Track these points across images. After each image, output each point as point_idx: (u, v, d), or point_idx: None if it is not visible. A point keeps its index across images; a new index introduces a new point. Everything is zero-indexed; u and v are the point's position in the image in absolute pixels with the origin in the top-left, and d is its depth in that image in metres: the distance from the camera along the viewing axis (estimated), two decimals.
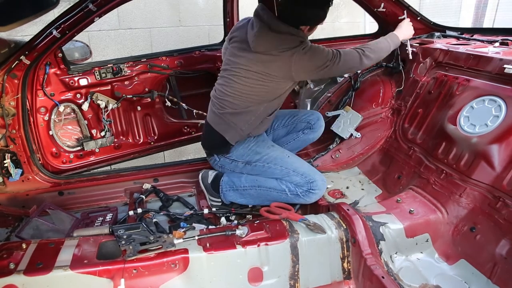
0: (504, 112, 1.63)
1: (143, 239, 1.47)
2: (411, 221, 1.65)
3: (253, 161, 2.02)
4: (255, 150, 2.03)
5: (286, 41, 1.80)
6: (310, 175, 1.94)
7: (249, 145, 2.04)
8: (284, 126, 2.32)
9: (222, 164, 2.13)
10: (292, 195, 1.95)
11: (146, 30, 3.89)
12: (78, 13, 1.87)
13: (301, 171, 1.95)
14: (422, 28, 2.53)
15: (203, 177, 2.26)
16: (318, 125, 2.29)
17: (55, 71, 2.19)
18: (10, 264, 1.36)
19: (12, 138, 2.04)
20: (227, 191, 2.12)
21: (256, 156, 2.01)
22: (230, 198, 2.14)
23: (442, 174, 1.79)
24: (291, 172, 1.95)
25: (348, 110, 2.44)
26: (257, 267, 1.53)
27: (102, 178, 2.34)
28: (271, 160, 1.99)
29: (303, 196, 1.93)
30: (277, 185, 1.97)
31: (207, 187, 2.22)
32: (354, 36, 2.76)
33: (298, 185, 1.93)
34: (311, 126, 2.28)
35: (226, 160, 2.09)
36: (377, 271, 1.44)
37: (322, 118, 2.33)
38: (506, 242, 1.44)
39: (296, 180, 1.94)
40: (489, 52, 1.90)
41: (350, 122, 2.40)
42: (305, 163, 2.05)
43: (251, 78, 1.86)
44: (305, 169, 1.97)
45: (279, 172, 1.97)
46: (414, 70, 2.28)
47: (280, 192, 1.97)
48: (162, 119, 2.63)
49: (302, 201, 1.96)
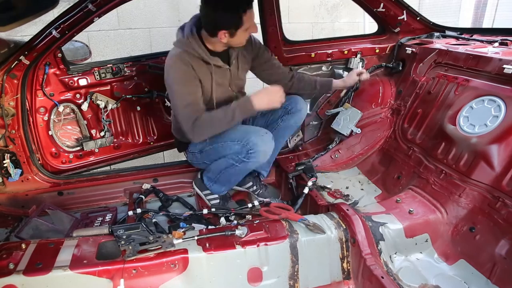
0: (503, 112, 1.63)
1: (142, 239, 1.47)
2: (410, 221, 1.65)
3: (203, 147, 2.08)
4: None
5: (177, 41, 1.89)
6: (244, 137, 1.90)
7: None
8: (262, 116, 2.22)
9: (191, 160, 2.24)
10: (241, 164, 1.96)
11: (146, 30, 3.89)
12: (78, 13, 1.87)
13: (235, 137, 1.94)
14: (421, 28, 2.54)
15: (195, 180, 2.35)
16: (296, 108, 2.12)
17: (55, 71, 2.19)
18: (10, 264, 1.36)
19: (12, 138, 2.04)
20: (211, 186, 2.22)
21: (204, 142, 2.06)
22: (216, 190, 2.23)
23: (441, 174, 1.80)
24: (229, 143, 1.96)
25: (347, 107, 2.44)
26: (256, 267, 1.53)
27: (101, 178, 2.34)
28: (214, 140, 2.01)
29: (248, 159, 1.92)
30: (226, 162, 2.01)
31: (199, 185, 2.29)
32: (354, 36, 2.76)
33: (238, 152, 1.93)
34: (288, 111, 2.13)
35: (190, 155, 2.20)
36: (376, 271, 1.44)
37: (301, 101, 2.16)
38: (505, 242, 1.44)
39: (234, 148, 1.94)
40: (489, 52, 1.91)
41: (349, 118, 2.40)
42: (241, 128, 2.01)
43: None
44: (241, 133, 1.95)
45: (222, 149, 2.00)
46: (413, 70, 2.28)
47: (232, 167, 2.00)
48: (161, 119, 2.62)
49: (252, 164, 1.96)
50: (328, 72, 2.69)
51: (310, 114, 2.70)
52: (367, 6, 2.43)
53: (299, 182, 2.24)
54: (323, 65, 2.62)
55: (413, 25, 2.50)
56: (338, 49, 2.55)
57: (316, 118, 2.72)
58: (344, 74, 2.70)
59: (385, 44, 2.56)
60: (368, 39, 2.65)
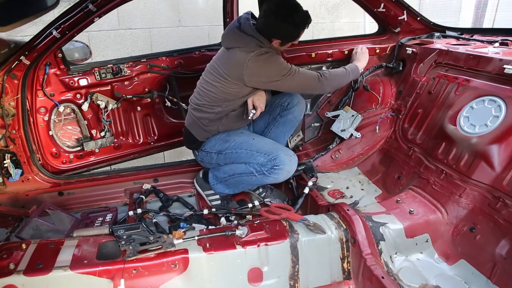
0: (504, 112, 1.63)
1: (143, 239, 1.47)
2: (411, 221, 1.65)
3: (223, 149, 2.07)
4: (224, 139, 2.09)
5: (247, 42, 1.88)
6: (273, 152, 1.94)
7: (220, 136, 2.11)
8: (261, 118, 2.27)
9: (201, 158, 2.21)
10: (260, 176, 1.97)
11: (146, 30, 3.89)
12: (78, 14, 1.87)
13: (264, 150, 1.97)
14: (422, 28, 2.53)
15: (196, 178, 2.34)
16: (292, 104, 2.23)
17: (55, 71, 2.19)
18: (10, 264, 1.36)
19: (12, 138, 2.04)
20: (215, 184, 2.20)
21: (225, 144, 2.06)
22: (219, 190, 2.21)
23: (442, 174, 1.79)
24: (255, 153, 1.97)
25: (347, 110, 2.44)
26: (257, 267, 1.53)
27: (102, 178, 2.34)
28: (237, 146, 2.03)
29: (270, 174, 1.94)
30: (246, 169, 2.01)
31: (201, 184, 2.28)
32: (354, 36, 2.76)
33: (263, 164, 1.95)
34: (285, 107, 2.22)
35: (203, 153, 2.17)
36: (377, 271, 1.44)
37: (298, 97, 2.26)
38: (506, 242, 1.44)
39: (260, 160, 1.96)
40: (489, 52, 1.91)
41: (350, 122, 2.40)
42: (270, 141, 2.07)
43: (211, 75, 1.98)
44: (269, 147, 1.99)
45: (245, 156, 2.00)
46: (414, 70, 2.28)
47: (250, 175, 2.00)
48: (162, 119, 2.62)
49: (272, 180, 1.98)
50: None
51: (310, 114, 2.70)
52: (367, 6, 2.43)
53: (299, 182, 2.24)
54: (324, 65, 2.62)
55: (413, 25, 2.50)
56: (338, 49, 2.55)
57: (317, 118, 2.72)
58: None
59: (385, 44, 2.56)
60: (368, 39, 2.65)
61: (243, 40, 1.89)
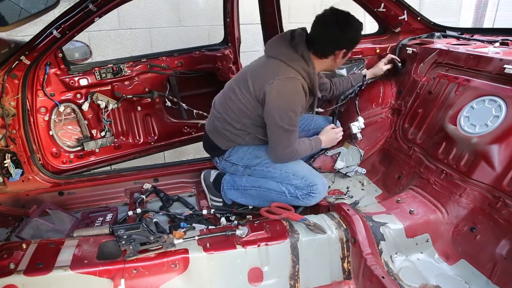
0: (504, 112, 1.63)
1: (143, 239, 1.48)
2: (411, 221, 1.65)
3: (253, 165, 2.01)
4: (254, 153, 2.02)
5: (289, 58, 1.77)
6: (310, 179, 1.92)
7: (248, 148, 2.03)
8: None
9: (223, 167, 2.14)
10: (292, 197, 1.93)
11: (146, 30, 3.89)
12: (78, 13, 1.87)
13: (301, 174, 1.93)
14: (422, 28, 2.53)
15: (205, 176, 2.26)
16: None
17: (55, 71, 2.19)
18: (10, 264, 1.36)
19: (12, 138, 2.04)
20: (228, 189, 2.12)
21: (256, 160, 2.00)
22: (230, 196, 2.14)
23: (442, 174, 1.79)
24: (291, 176, 1.94)
25: (348, 147, 2.37)
26: (257, 267, 1.53)
27: (102, 178, 2.34)
28: (270, 164, 1.98)
29: (303, 198, 1.92)
30: (276, 187, 1.96)
31: (208, 186, 2.22)
32: None
33: (298, 187, 1.92)
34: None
35: (227, 163, 2.09)
36: (377, 271, 1.44)
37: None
38: (506, 242, 1.44)
39: (296, 183, 1.92)
40: (489, 52, 1.90)
41: (352, 158, 2.34)
42: (306, 166, 2.03)
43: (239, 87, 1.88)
44: (306, 172, 1.96)
45: (278, 176, 1.96)
46: (414, 70, 2.28)
47: (280, 194, 1.96)
48: (162, 119, 2.63)
49: (301, 204, 1.95)
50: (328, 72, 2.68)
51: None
52: (367, 6, 2.43)
53: None
54: None
55: (413, 25, 2.50)
56: None
57: None
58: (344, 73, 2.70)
59: (385, 44, 2.56)
60: (368, 39, 2.65)
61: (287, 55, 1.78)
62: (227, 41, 2.67)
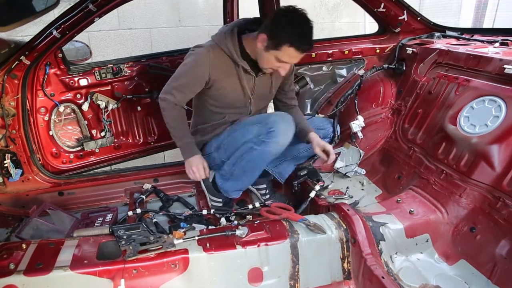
0: (504, 112, 1.63)
1: (143, 239, 1.47)
2: (411, 221, 1.65)
3: (219, 143, 2.03)
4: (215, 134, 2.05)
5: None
6: (265, 119, 1.87)
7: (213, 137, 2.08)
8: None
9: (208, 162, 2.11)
10: (261, 147, 1.85)
11: (146, 30, 3.89)
12: (78, 14, 1.87)
13: (255, 120, 1.92)
14: (422, 28, 2.53)
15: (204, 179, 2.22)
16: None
17: (55, 71, 2.19)
18: (10, 264, 1.36)
19: (12, 138, 2.04)
20: (223, 183, 2.09)
21: (220, 138, 2.03)
22: (229, 188, 2.09)
23: (442, 174, 1.79)
24: (248, 127, 1.91)
25: (348, 147, 2.37)
26: (257, 267, 1.53)
27: (102, 178, 2.34)
28: (230, 132, 1.99)
29: (268, 139, 1.82)
30: (244, 148, 1.91)
31: (208, 186, 2.21)
32: (354, 36, 2.76)
33: (258, 133, 1.85)
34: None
35: (206, 158, 2.09)
36: (377, 271, 1.44)
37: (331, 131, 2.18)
38: (506, 242, 1.44)
39: (254, 131, 1.88)
40: (489, 52, 1.90)
41: (352, 159, 2.33)
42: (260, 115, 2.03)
43: None
44: (259, 117, 1.94)
45: (240, 134, 1.93)
46: (414, 70, 2.28)
47: (250, 152, 1.89)
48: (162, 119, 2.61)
49: (273, 146, 1.83)
50: (328, 72, 2.69)
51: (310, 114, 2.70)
52: (367, 6, 2.43)
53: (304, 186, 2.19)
54: (324, 65, 2.62)
55: (413, 25, 2.50)
56: (338, 49, 2.55)
57: None
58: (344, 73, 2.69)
59: (385, 44, 2.56)
60: (368, 39, 2.65)
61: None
62: None
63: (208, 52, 1.83)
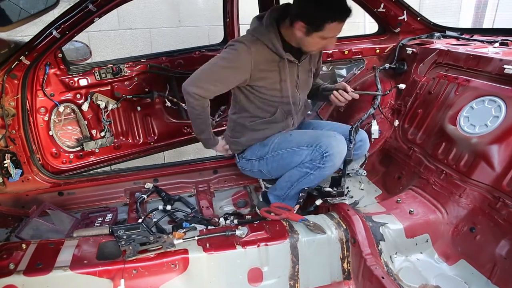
0: (504, 113, 1.63)
1: (143, 240, 1.47)
2: (411, 221, 1.65)
3: (263, 154, 1.96)
4: (262, 143, 1.98)
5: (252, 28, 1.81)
6: (315, 141, 1.79)
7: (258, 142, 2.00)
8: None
9: (242, 166, 2.10)
10: (317, 171, 1.80)
11: (146, 31, 3.89)
12: (78, 14, 1.87)
13: (304, 142, 1.82)
14: (422, 28, 2.53)
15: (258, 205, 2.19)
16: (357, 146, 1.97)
17: (55, 72, 2.19)
18: (10, 264, 1.36)
19: (12, 138, 2.04)
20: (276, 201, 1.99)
21: (265, 149, 1.95)
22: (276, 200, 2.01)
23: (442, 174, 1.79)
24: (297, 149, 1.83)
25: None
26: (257, 268, 1.53)
27: (102, 178, 2.34)
28: (276, 147, 1.91)
29: (324, 164, 1.77)
30: (300, 173, 1.85)
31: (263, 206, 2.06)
32: (354, 36, 2.76)
33: (312, 158, 1.79)
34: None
35: (243, 161, 2.06)
36: (377, 271, 1.44)
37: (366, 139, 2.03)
38: (506, 242, 1.44)
39: (305, 154, 1.81)
40: (489, 52, 1.90)
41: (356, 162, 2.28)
42: (308, 132, 1.93)
43: None
44: (307, 138, 1.84)
45: (287, 155, 1.87)
46: (414, 71, 2.28)
47: (307, 177, 1.84)
48: (162, 119, 2.62)
49: (329, 169, 1.80)
50: (328, 72, 2.68)
51: (310, 114, 2.70)
52: (367, 6, 2.43)
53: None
54: (324, 65, 2.62)
55: (413, 25, 2.50)
56: (338, 49, 2.55)
57: (317, 118, 2.71)
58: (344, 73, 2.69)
59: (385, 44, 2.56)
60: (368, 39, 2.65)
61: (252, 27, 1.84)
62: (227, 41, 2.66)
63: (250, 48, 1.73)
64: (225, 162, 2.52)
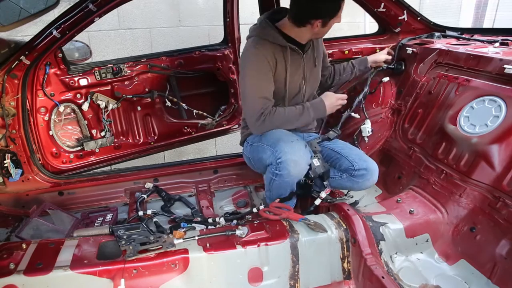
0: (504, 112, 1.63)
1: (143, 239, 1.48)
2: (411, 221, 1.65)
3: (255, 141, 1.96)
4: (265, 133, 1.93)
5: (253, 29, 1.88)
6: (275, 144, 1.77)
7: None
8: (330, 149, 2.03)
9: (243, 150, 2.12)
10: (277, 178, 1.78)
11: (146, 30, 3.89)
12: (78, 13, 1.87)
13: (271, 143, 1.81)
14: (422, 28, 2.53)
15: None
16: (360, 173, 1.85)
17: (55, 71, 2.19)
18: (10, 264, 1.36)
19: (12, 138, 2.04)
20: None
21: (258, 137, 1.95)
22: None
23: (442, 174, 1.79)
24: (265, 147, 1.84)
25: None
26: (257, 267, 1.53)
27: (102, 178, 2.34)
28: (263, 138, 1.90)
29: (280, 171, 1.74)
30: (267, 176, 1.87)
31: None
32: (354, 36, 2.76)
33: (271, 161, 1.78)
34: (352, 171, 1.87)
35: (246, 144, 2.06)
36: (377, 271, 1.44)
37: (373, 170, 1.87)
38: (506, 242, 1.44)
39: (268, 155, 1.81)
40: (489, 52, 1.90)
41: None
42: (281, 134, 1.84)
43: None
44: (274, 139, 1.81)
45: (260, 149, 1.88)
46: (414, 70, 2.28)
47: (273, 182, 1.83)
48: (162, 119, 2.62)
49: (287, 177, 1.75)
50: None
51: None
52: (367, 6, 2.43)
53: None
54: None
55: (413, 25, 2.50)
56: (338, 49, 2.55)
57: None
58: None
59: (385, 44, 2.56)
60: (368, 39, 2.65)
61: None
62: (227, 41, 2.67)
63: (257, 49, 1.81)
64: (225, 162, 2.52)
